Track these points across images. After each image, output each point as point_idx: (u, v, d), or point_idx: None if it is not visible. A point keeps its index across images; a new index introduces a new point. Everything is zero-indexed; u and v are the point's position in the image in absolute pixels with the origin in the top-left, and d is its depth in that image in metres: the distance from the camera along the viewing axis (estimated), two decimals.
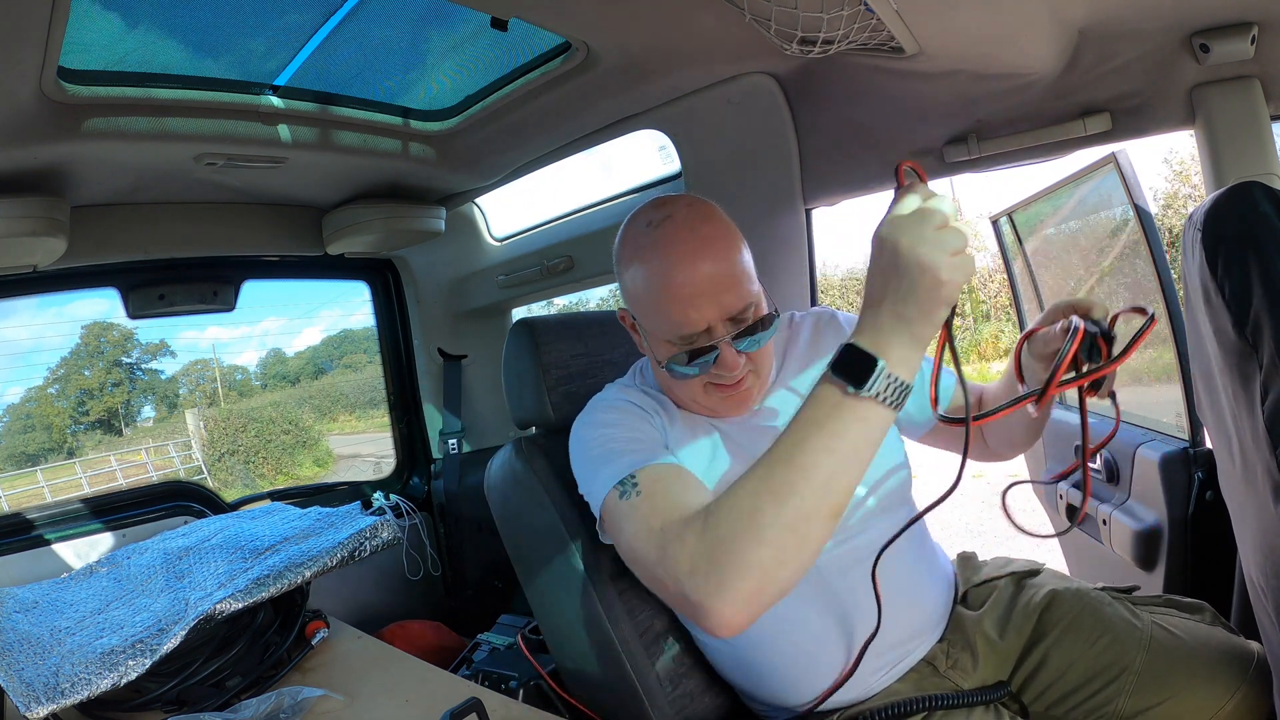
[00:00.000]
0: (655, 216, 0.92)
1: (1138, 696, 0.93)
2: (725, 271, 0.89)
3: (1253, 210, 0.78)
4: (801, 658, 0.97)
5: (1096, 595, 1.04)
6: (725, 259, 0.90)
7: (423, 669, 1.20)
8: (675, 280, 0.88)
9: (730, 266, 0.90)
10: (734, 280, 0.90)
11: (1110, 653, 0.96)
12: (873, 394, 0.67)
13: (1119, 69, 1.18)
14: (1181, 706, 0.91)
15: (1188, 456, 1.37)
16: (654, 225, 0.91)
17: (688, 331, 0.89)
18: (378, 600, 2.08)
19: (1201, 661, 0.93)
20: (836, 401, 0.69)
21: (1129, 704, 0.93)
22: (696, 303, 0.88)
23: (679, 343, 0.91)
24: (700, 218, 0.92)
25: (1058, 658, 0.99)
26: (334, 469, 9.63)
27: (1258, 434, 0.75)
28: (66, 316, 8.38)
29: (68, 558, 1.70)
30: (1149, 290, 1.55)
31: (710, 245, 0.89)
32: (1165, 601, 1.05)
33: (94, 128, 1.30)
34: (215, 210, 1.88)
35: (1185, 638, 0.96)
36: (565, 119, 1.62)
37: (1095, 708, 0.95)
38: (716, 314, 0.89)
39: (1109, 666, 0.95)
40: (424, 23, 1.41)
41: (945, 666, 1.00)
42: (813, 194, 1.60)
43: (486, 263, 2.25)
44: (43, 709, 0.97)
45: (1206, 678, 0.92)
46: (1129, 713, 0.93)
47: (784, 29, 1.03)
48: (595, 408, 1.02)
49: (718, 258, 0.89)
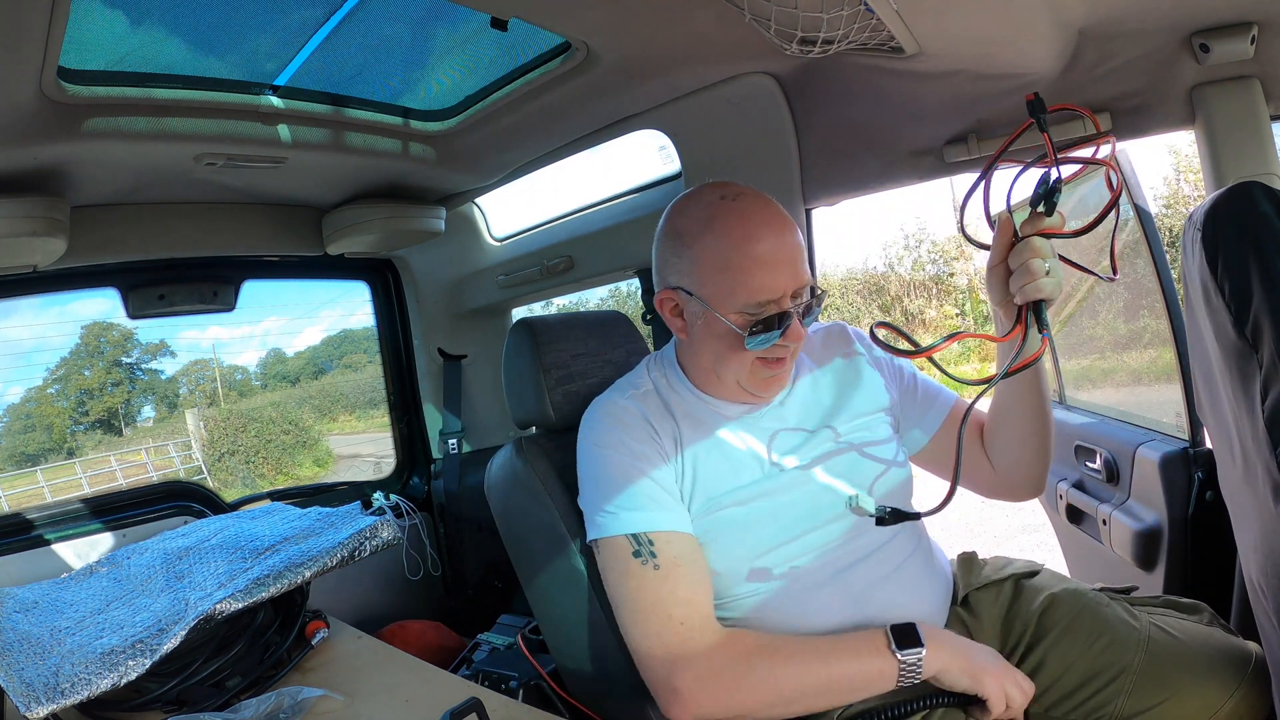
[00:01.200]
0: (727, 192, 0.97)
1: (1136, 697, 0.93)
2: (796, 244, 0.95)
3: (1253, 210, 0.78)
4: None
5: (1094, 596, 1.04)
6: (795, 234, 0.96)
7: (423, 669, 1.20)
8: (761, 247, 0.92)
9: (799, 242, 0.96)
10: (802, 255, 0.96)
11: (1109, 654, 0.96)
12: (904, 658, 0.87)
13: (1119, 69, 1.18)
14: (1180, 707, 0.91)
15: (1188, 456, 1.37)
16: (728, 199, 0.96)
17: (765, 298, 0.93)
18: (378, 600, 2.07)
19: (1200, 661, 0.93)
20: (877, 646, 0.89)
21: (1128, 704, 0.93)
22: (779, 270, 0.92)
23: (754, 310, 0.93)
24: (766, 197, 0.98)
25: (1056, 659, 0.99)
26: (334, 469, 9.63)
27: (1258, 434, 0.75)
28: (68, 316, 8.38)
29: (68, 558, 1.70)
30: (1149, 290, 1.55)
31: (783, 219, 0.96)
32: (1163, 602, 1.06)
33: (94, 128, 1.30)
34: (215, 210, 1.88)
35: (1183, 638, 0.97)
36: (565, 119, 1.62)
37: (1094, 709, 0.95)
38: (792, 283, 0.94)
39: (1108, 667, 0.95)
40: (424, 23, 1.41)
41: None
42: (813, 194, 1.60)
43: (486, 263, 2.25)
44: (43, 709, 0.97)
45: (1205, 677, 0.92)
46: (1128, 713, 0.93)
47: (784, 29, 1.03)
48: (609, 416, 1.02)
49: (791, 231, 0.95)
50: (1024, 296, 0.88)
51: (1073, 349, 2.10)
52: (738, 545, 0.98)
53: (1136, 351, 1.81)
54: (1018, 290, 0.88)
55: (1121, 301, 1.81)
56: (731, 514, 0.98)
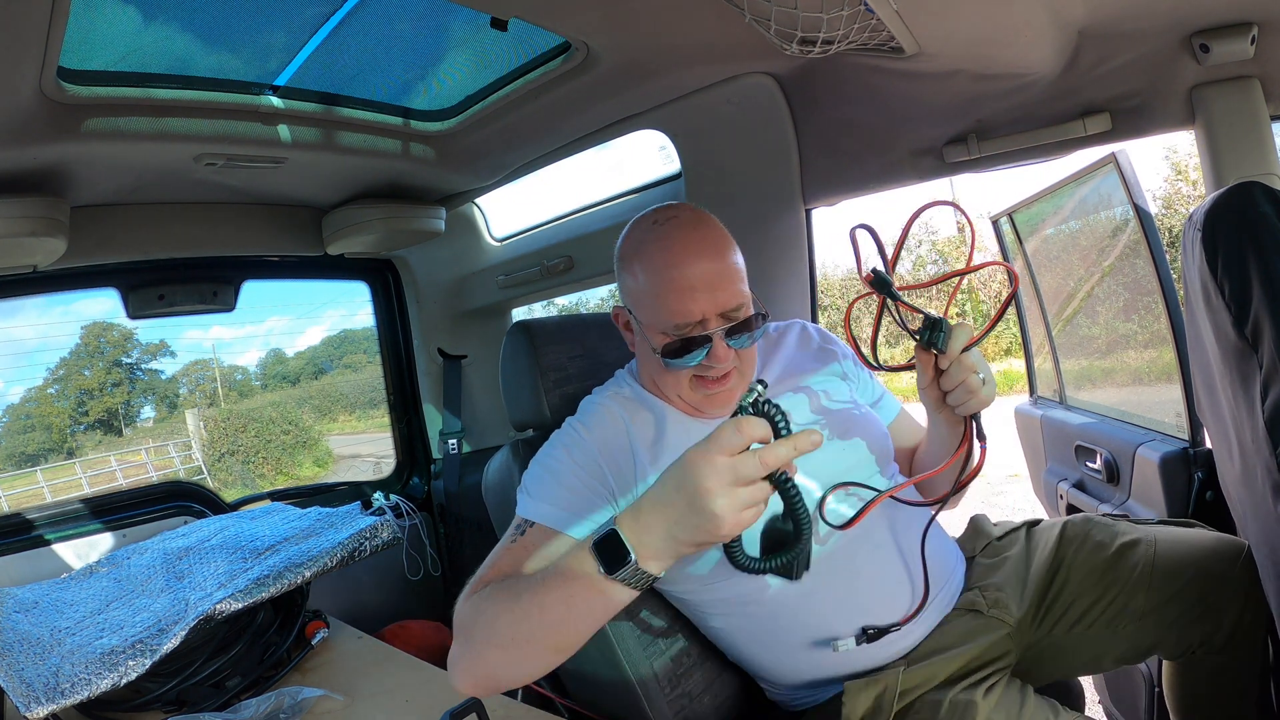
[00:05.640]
0: (660, 217, 1.01)
1: (1152, 592, 1.01)
2: (721, 269, 0.96)
3: (1253, 210, 0.78)
4: (817, 633, 0.98)
5: (1100, 516, 1.15)
6: (722, 259, 0.97)
7: (423, 669, 1.20)
8: (675, 273, 0.95)
9: (726, 266, 0.97)
10: (729, 279, 0.96)
11: (1122, 559, 1.04)
12: (618, 579, 0.71)
13: (1119, 69, 1.18)
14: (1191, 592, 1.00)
15: (1188, 456, 1.37)
16: (658, 224, 1.00)
17: (682, 321, 0.95)
18: (378, 600, 2.07)
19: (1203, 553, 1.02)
20: (589, 572, 0.72)
21: (1144, 601, 1.01)
22: (694, 295, 0.94)
23: (673, 332, 0.96)
24: (700, 221, 1.00)
25: (1077, 574, 1.06)
26: (334, 469, 9.63)
27: (1258, 434, 0.75)
28: (68, 316, 8.38)
29: (68, 558, 1.70)
30: (1149, 290, 1.55)
31: (709, 244, 0.97)
32: (1159, 521, 1.15)
33: (94, 128, 1.30)
34: (215, 210, 1.88)
35: (1182, 536, 1.07)
36: (565, 119, 1.62)
37: (1116, 611, 1.03)
38: (711, 307, 0.95)
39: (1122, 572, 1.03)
40: (424, 23, 1.41)
41: (987, 606, 1.04)
42: (813, 194, 1.60)
43: (486, 263, 2.25)
44: (43, 709, 0.97)
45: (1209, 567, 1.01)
46: (1147, 609, 1.01)
47: (784, 29, 1.03)
48: (567, 430, 1.05)
49: (716, 256, 0.96)
50: (967, 410, 0.90)
51: (1072, 349, 2.10)
52: (715, 551, 0.97)
53: (1135, 351, 1.81)
54: (959, 405, 0.90)
55: (1121, 301, 1.81)
56: None
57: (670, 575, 0.98)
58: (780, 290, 1.66)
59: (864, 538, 0.99)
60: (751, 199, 1.63)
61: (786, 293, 1.66)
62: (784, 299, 1.65)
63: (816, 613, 0.98)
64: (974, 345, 0.88)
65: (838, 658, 0.97)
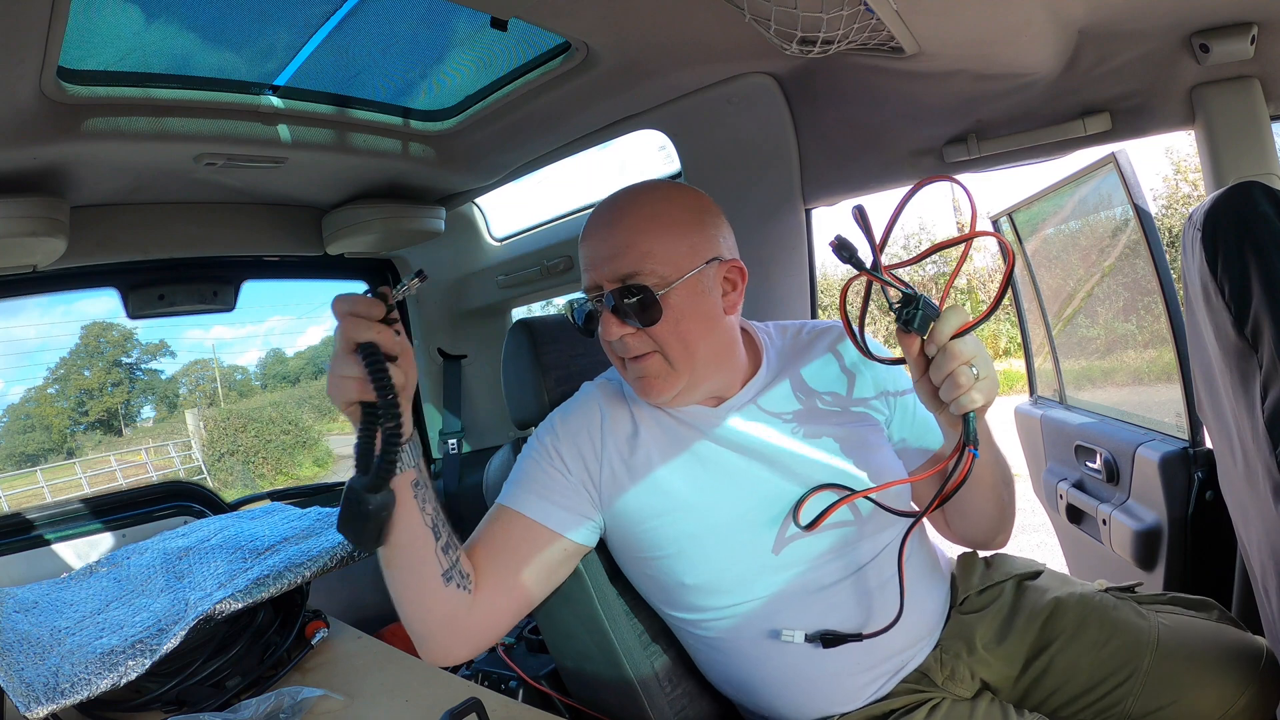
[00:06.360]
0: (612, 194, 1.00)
1: (1146, 698, 0.91)
2: (621, 239, 0.93)
3: (1252, 210, 0.78)
4: (791, 672, 0.94)
5: (1101, 599, 1.02)
6: (626, 229, 0.93)
7: (423, 669, 1.20)
8: (586, 244, 0.97)
9: (631, 236, 0.93)
10: (625, 247, 0.93)
11: (1118, 656, 0.94)
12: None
13: (1119, 69, 1.18)
14: (1191, 706, 0.90)
15: (1187, 456, 1.37)
16: (604, 199, 1.00)
17: (589, 293, 0.98)
18: (378, 600, 2.05)
19: (1211, 660, 0.92)
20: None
21: (1138, 705, 0.92)
22: (595, 266, 0.95)
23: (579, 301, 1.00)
24: (629, 196, 0.98)
25: (1064, 663, 0.97)
26: (334, 469, 9.62)
27: (1258, 434, 0.75)
28: (72, 315, 8.38)
29: (68, 558, 1.70)
30: (1149, 290, 1.55)
31: (619, 214, 0.95)
32: (1171, 599, 1.03)
33: (94, 128, 1.30)
34: (215, 210, 1.88)
35: (1193, 636, 0.95)
36: (565, 119, 1.62)
37: (1103, 710, 0.94)
38: (604, 276, 0.94)
39: (1117, 670, 0.94)
40: (424, 23, 1.41)
41: (942, 678, 0.97)
42: (813, 194, 1.60)
43: (486, 263, 2.25)
44: (42, 709, 0.97)
45: (1216, 676, 0.90)
46: (1138, 714, 0.92)
47: (784, 29, 1.03)
48: (549, 423, 1.06)
49: (622, 227, 0.94)
50: (960, 408, 0.81)
51: (1072, 349, 2.10)
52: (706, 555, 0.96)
53: (1135, 351, 1.81)
54: (951, 402, 0.81)
55: (1121, 301, 1.81)
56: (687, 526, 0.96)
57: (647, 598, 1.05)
58: (780, 290, 1.66)
59: (844, 548, 0.94)
60: (751, 199, 1.63)
61: (786, 292, 1.66)
62: (784, 299, 1.65)
63: (774, 615, 0.94)
64: (969, 331, 0.79)
65: (794, 664, 0.93)
